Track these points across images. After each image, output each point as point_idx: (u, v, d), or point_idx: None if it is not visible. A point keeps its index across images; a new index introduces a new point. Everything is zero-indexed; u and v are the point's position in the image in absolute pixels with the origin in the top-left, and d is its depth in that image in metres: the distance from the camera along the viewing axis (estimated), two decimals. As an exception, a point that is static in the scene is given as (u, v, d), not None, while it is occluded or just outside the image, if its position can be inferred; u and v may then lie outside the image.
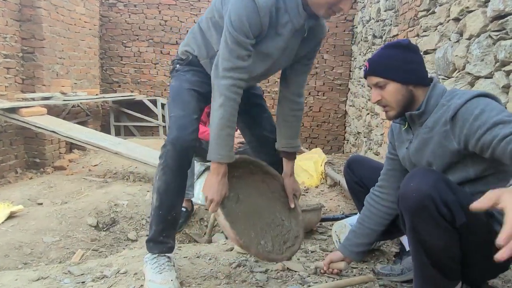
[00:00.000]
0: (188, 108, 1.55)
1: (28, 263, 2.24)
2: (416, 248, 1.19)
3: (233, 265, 1.74)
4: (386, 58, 1.34)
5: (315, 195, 3.56)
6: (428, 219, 1.11)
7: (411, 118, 1.35)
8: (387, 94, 1.33)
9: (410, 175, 1.18)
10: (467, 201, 1.09)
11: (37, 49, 4.29)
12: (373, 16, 4.56)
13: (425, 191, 1.10)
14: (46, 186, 3.45)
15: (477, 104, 1.14)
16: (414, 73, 1.32)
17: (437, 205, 1.09)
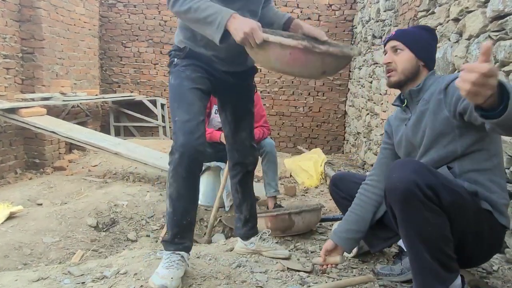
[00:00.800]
0: (193, 110, 1.49)
1: (28, 263, 2.24)
2: (411, 240, 1.21)
3: (233, 265, 1.74)
4: (414, 32, 1.49)
5: (315, 195, 3.56)
6: (417, 205, 1.15)
7: (410, 95, 1.46)
8: (399, 59, 1.45)
9: (390, 169, 1.24)
10: (450, 184, 1.19)
11: (37, 50, 4.28)
12: (373, 17, 4.56)
13: (408, 178, 1.15)
14: (46, 187, 3.45)
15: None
16: (429, 54, 1.47)
17: (422, 189, 1.13)
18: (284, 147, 6.08)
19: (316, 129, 6.11)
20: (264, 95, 5.95)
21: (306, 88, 6.02)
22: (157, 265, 1.70)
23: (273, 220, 2.16)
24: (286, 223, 2.14)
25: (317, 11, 5.82)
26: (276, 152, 3.00)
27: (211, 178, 3.22)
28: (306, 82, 5.99)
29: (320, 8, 5.82)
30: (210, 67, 1.61)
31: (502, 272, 1.64)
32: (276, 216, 2.16)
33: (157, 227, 2.86)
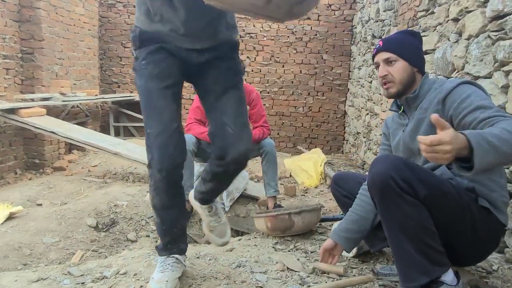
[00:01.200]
0: (165, 119, 1.33)
1: (27, 264, 2.24)
2: (392, 231, 1.23)
3: (233, 265, 1.74)
4: (401, 39, 1.50)
5: (315, 195, 3.56)
6: (394, 197, 1.19)
7: (407, 101, 1.48)
8: (395, 70, 1.46)
9: (371, 164, 1.28)
10: (428, 177, 1.22)
11: (36, 50, 4.28)
12: (372, 16, 4.56)
13: (384, 172, 1.20)
14: (46, 187, 3.44)
15: (466, 89, 1.28)
16: (420, 58, 1.50)
17: (397, 182, 1.18)
18: (284, 147, 6.08)
19: (315, 129, 6.11)
20: (263, 95, 5.95)
21: (306, 88, 6.02)
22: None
23: (273, 220, 2.16)
24: (286, 223, 2.14)
25: (316, 10, 5.82)
26: (276, 152, 3.00)
27: (211, 178, 3.21)
28: (306, 82, 5.99)
29: (320, 8, 5.82)
30: (173, 46, 1.38)
31: (502, 272, 1.64)
32: (276, 216, 2.16)
33: (157, 227, 2.86)
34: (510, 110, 1.76)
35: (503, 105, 1.81)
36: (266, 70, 5.98)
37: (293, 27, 5.86)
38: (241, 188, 3.31)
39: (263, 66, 5.97)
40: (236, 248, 2.07)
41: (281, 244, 2.11)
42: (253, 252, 1.97)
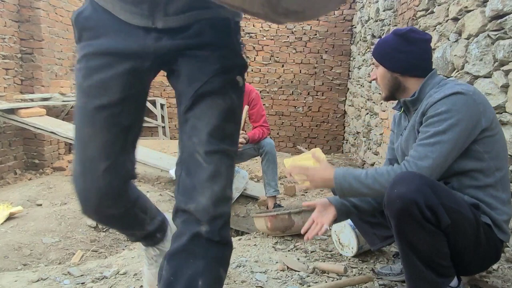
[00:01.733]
0: (88, 153, 0.93)
1: (27, 264, 2.24)
2: (405, 251, 1.20)
3: (233, 265, 1.74)
4: (384, 43, 1.44)
5: (315, 195, 3.56)
6: (413, 224, 1.14)
7: (405, 104, 1.43)
8: (378, 76, 1.46)
9: (394, 181, 1.19)
10: (452, 202, 1.16)
11: (36, 50, 4.28)
12: (372, 16, 4.56)
13: (409, 197, 1.12)
14: (46, 187, 3.44)
15: (442, 105, 1.23)
16: (400, 63, 1.39)
17: (422, 210, 1.11)
18: (283, 147, 6.08)
19: (315, 128, 6.11)
20: (263, 95, 5.95)
21: (306, 87, 6.02)
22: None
23: (273, 220, 2.16)
24: (286, 222, 2.14)
25: (316, 10, 5.82)
26: (275, 152, 3.00)
27: (210, 178, 3.21)
28: (305, 81, 5.99)
29: (319, 8, 5.82)
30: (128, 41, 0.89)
31: (502, 271, 1.64)
32: (276, 216, 2.16)
33: (156, 227, 2.86)
34: (510, 109, 1.76)
35: (502, 104, 1.81)
36: (265, 70, 5.98)
37: (293, 27, 5.86)
38: (241, 188, 3.31)
39: (262, 66, 5.97)
40: (236, 248, 2.07)
41: (281, 244, 2.11)
42: (253, 252, 1.97)
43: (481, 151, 1.25)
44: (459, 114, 1.21)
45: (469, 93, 1.23)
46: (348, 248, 1.90)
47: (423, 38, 1.39)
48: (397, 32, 1.41)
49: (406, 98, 1.41)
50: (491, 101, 1.89)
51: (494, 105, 1.86)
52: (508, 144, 1.72)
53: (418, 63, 1.38)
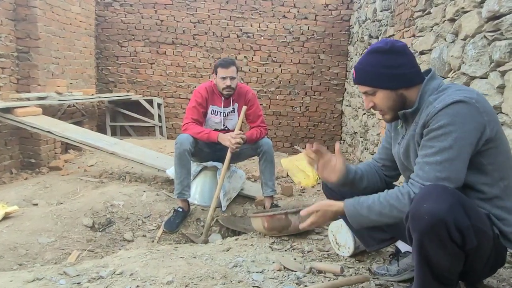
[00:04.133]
0: None
1: (23, 264, 2.23)
2: (420, 263, 1.17)
3: (230, 265, 1.74)
4: (371, 66, 1.32)
5: (312, 195, 3.56)
6: (438, 243, 1.08)
7: (404, 116, 1.37)
8: (378, 101, 1.35)
9: (424, 193, 1.12)
10: (480, 222, 1.11)
11: (32, 49, 4.26)
12: (369, 17, 4.57)
13: (439, 216, 1.05)
14: (42, 187, 3.43)
15: (445, 117, 1.17)
16: (402, 77, 1.30)
17: (450, 230, 1.05)
18: (281, 147, 6.08)
19: (313, 129, 6.12)
20: (260, 95, 5.95)
21: (303, 88, 6.02)
22: (153, 265, 1.70)
23: (270, 220, 2.16)
24: (283, 222, 2.14)
25: (313, 10, 5.83)
26: (273, 151, 3.00)
27: (207, 178, 3.21)
28: (303, 81, 5.99)
29: (317, 8, 5.83)
30: None
31: (498, 271, 1.64)
32: (273, 216, 2.16)
33: (153, 227, 2.85)
34: (506, 110, 1.77)
35: (498, 105, 1.82)
36: (263, 69, 5.98)
37: (290, 26, 5.87)
38: (238, 187, 3.31)
39: (260, 65, 5.97)
40: (233, 248, 2.07)
41: (278, 244, 2.11)
42: (250, 252, 1.96)
43: (485, 163, 1.21)
44: (464, 126, 1.15)
45: (472, 101, 1.17)
46: (344, 248, 1.91)
47: (403, 44, 1.34)
48: (378, 49, 1.32)
49: (405, 110, 1.33)
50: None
51: (490, 106, 1.87)
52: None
53: (414, 70, 1.32)
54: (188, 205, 2.96)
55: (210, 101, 2.99)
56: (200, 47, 5.93)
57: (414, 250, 1.17)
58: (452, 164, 1.17)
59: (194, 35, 5.92)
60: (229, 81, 2.87)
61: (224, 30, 5.90)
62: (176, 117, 6.08)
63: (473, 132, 1.16)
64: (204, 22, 5.88)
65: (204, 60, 5.93)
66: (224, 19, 5.87)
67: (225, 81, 2.88)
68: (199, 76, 5.98)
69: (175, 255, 1.90)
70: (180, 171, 2.82)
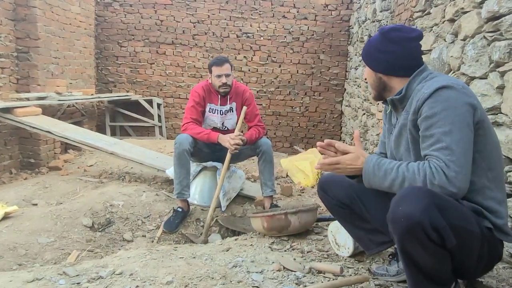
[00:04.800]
0: None
1: (22, 264, 2.23)
2: (407, 264, 1.19)
3: (229, 265, 1.74)
4: (369, 42, 1.42)
5: (311, 195, 3.56)
6: (417, 244, 1.10)
7: (392, 103, 1.40)
8: (366, 75, 1.46)
9: (400, 196, 1.14)
10: (460, 220, 1.12)
11: (32, 49, 4.26)
12: (369, 17, 4.57)
13: (414, 218, 1.07)
14: (41, 187, 3.42)
15: (436, 104, 1.19)
16: (383, 63, 1.37)
17: (427, 231, 1.07)
18: (280, 147, 6.08)
19: (312, 129, 6.12)
20: (260, 95, 5.95)
21: (303, 88, 6.02)
22: (152, 265, 1.70)
23: (270, 220, 2.16)
24: (283, 223, 2.14)
25: (313, 11, 5.83)
26: (272, 151, 3.00)
27: (207, 178, 3.21)
28: (302, 82, 6.00)
29: (317, 8, 5.83)
30: None
31: (497, 272, 1.65)
32: (272, 216, 2.16)
33: (153, 227, 2.85)
34: (505, 110, 1.77)
35: (498, 105, 1.82)
36: (262, 70, 5.99)
37: (290, 27, 5.87)
38: (238, 188, 3.31)
39: (259, 66, 5.97)
40: (232, 248, 2.07)
41: (278, 244, 2.11)
42: (249, 252, 1.96)
43: (472, 151, 1.21)
44: (457, 109, 1.17)
45: (459, 86, 1.21)
46: (344, 248, 1.91)
47: (406, 36, 1.33)
48: (381, 30, 1.38)
49: (393, 96, 1.38)
50: (486, 102, 1.90)
51: (489, 106, 1.87)
52: (503, 144, 1.73)
53: (400, 63, 1.34)
54: (187, 205, 2.95)
55: (208, 99, 3.00)
56: (200, 47, 5.93)
57: (398, 251, 1.20)
58: (459, 146, 1.16)
59: (194, 35, 5.92)
60: (225, 78, 2.89)
61: (224, 30, 5.90)
62: (175, 117, 6.08)
63: (467, 113, 1.18)
64: (204, 22, 5.89)
65: (204, 60, 5.93)
66: (224, 19, 5.87)
67: (220, 79, 2.89)
68: (198, 76, 5.98)
69: (175, 255, 1.90)
70: (179, 171, 2.82)
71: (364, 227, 1.63)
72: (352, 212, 1.63)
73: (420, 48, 1.39)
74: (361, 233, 1.66)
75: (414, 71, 1.34)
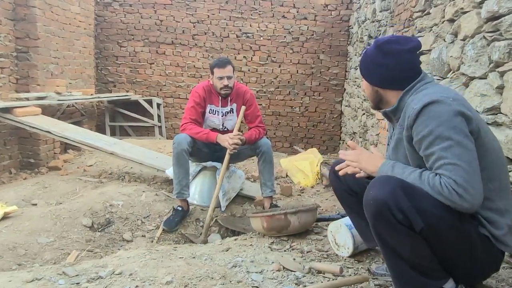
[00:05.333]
0: None
1: (22, 264, 2.22)
2: (386, 253, 1.22)
3: (229, 265, 1.74)
4: (364, 55, 1.43)
5: (311, 195, 3.56)
6: (387, 226, 1.16)
7: (386, 115, 1.43)
8: (363, 87, 1.48)
9: (371, 184, 1.22)
10: (429, 206, 1.13)
11: (32, 49, 4.25)
12: (369, 17, 4.57)
13: (381, 198, 1.15)
14: (41, 187, 3.42)
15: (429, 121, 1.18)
16: (378, 77, 1.38)
17: (392, 211, 1.13)
18: (280, 147, 6.08)
19: (312, 129, 6.12)
20: (260, 95, 5.95)
21: (302, 88, 6.02)
22: (152, 265, 1.70)
23: (269, 220, 2.16)
24: (282, 223, 2.14)
25: (313, 11, 5.83)
26: (272, 152, 3.00)
27: (207, 178, 3.21)
28: (302, 82, 6.00)
29: (316, 8, 5.83)
30: None
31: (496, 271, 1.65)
32: (272, 216, 2.16)
33: (152, 227, 2.85)
34: (505, 110, 1.77)
35: (498, 105, 1.82)
36: (262, 70, 5.98)
37: (290, 27, 5.87)
38: (237, 188, 3.31)
39: (259, 66, 5.97)
40: (232, 248, 2.07)
41: (277, 244, 2.11)
42: (249, 252, 1.96)
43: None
44: (450, 122, 1.16)
45: (449, 100, 1.18)
46: (344, 248, 1.91)
47: (401, 49, 1.32)
48: (377, 42, 1.37)
49: (385, 109, 1.40)
50: (486, 102, 1.90)
51: (489, 106, 1.87)
52: (503, 144, 1.73)
53: (394, 76, 1.34)
54: (187, 205, 2.95)
55: (208, 100, 2.99)
56: (200, 47, 5.93)
57: (375, 239, 1.24)
58: (461, 159, 1.13)
59: (194, 35, 5.92)
60: (227, 80, 2.88)
61: (224, 30, 5.90)
62: (175, 117, 6.08)
63: (461, 123, 1.17)
64: (204, 22, 5.88)
65: (204, 60, 5.93)
66: (224, 19, 5.87)
67: (222, 81, 2.88)
68: (198, 76, 5.98)
69: (175, 255, 1.89)
70: (178, 171, 2.82)
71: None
72: (359, 201, 1.61)
73: (418, 58, 1.37)
74: (364, 223, 1.65)
75: (410, 83, 1.33)
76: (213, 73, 2.92)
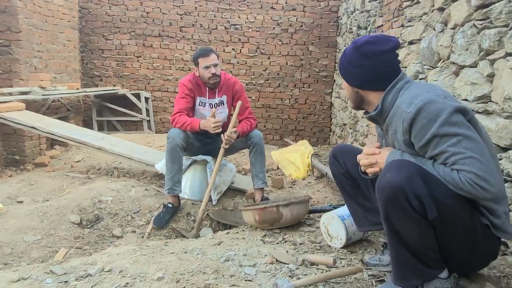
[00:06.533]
0: None
1: (8, 263, 2.17)
2: (391, 237, 1.21)
3: (221, 259, 1.72)
4: (343, 56, 1.40)
5: (302, 187, 3.56)
6: (400, 211, 1.14)
7: (371, 119, 1.41)
8: (344, 88, 1.47)
9: (388, 166, 1.21)
10: (445, 197, 1.12)
11: (13, 42, 4.13)
12: (358, 7, 4.55)
13: (398, 183, 1.12)
14: (27, 184, 3.34)
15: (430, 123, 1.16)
16: (357, 78, 1.36)
17: (408, 197, 1.11)
18: (270, 140, 6.06)
19: (302, 121, 6.11)
20: (250, 88, 5.91)
21: (292, 80, 6.00)
22: (143, 262, 1.66)
23: (261, 212, 2.14)
24: (274, 215, 2.12)
25: (302, 2, 5.78)
26: (264, 143, 2.98)
27: (197, 172, 3.17)
28: (292, 74, 5.97)
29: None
30: None
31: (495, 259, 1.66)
32: (264, 209, 2.14)
33: (143, 222, 2.81)
34: (495, 99, 1.77)
35: (488, 94, 1.82)
36: (251, 62, 5.93)
37: (279, 18, 5.81)
38: (228, 181, 3.28)
39: (248, 58, 5.92)
40: (224, 242, 2.05)
41: (270, 237, 2.10)
42: (241, 246, 1.94)
43: None
44: (450, 118, 1.15)
45: (440, 98, 1.18)
46: (336, 240, 1.90)
47: (379, 50, 1.31)
48: (355, 43, 1.36)
49: (371, 113, 1.38)
50: (477, 90, 1.90)
51: (479, 95, 1.87)
52: (493, 132, 1.73)
53: (374, 77, 1.33)
54: (178, 201, 2.92)
55: (197, 92, 2.94)
56: (188, 39, 5.84)
57: (383, 222, 1.22)
58: (474, 151, 1.13)
59: (181, 27, 5.82)
60: (213, 68, 2.82)
61: (212, 22, 5.81)
62: (164, 111, 6.00)
63: (461, 117, 1.17)
64: (191, 14, 5.79)
65: (192, 52, 5.84)
66: (212, 11, 5.79)
67: (209, 70, 2.83)
68: (187, 69, 5.90)
69: (166, 250, 1.86)
70: (171, 166, 2.78)
71: (363, 203, 1.65)
72: (356, 186, 1.65)
73: (396, 57, 1.36)
74: (359, 209, 1.67)
75: (390, 83, 1.32)
76: (198, 64, 2.86)
